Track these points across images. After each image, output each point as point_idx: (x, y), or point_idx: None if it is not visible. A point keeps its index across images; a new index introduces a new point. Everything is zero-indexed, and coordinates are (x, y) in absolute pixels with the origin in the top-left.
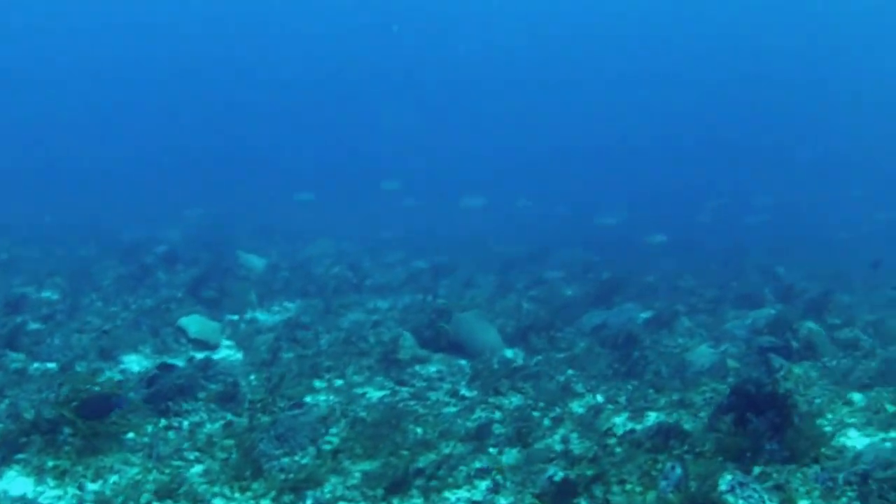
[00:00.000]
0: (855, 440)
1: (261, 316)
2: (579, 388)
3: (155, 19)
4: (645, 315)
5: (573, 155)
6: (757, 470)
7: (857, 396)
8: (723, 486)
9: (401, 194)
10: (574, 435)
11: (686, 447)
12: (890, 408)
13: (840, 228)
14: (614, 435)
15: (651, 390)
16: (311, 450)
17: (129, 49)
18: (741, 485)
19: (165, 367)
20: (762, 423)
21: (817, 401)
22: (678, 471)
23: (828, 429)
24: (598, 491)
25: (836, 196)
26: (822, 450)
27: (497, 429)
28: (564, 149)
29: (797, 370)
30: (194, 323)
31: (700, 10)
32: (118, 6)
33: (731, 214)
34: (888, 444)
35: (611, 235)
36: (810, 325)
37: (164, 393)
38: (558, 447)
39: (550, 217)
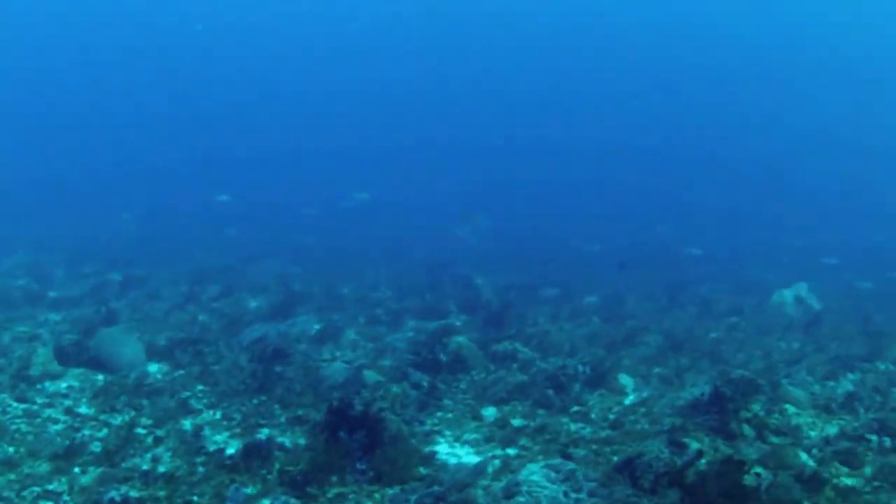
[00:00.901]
0: (466, 458)
1: None
2: (199, 404)
3: None
4: (318, 327)
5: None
6: (334, 491)
7: (489, 411)
8: None
9: None
10: (168, 454)
11: (278, 465)
12: (516, 422)
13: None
14: (205, 453)
15: (278, 406)
16: None
17: None
18: None
19: None
20: (352, 441)
21: (449, 415)
22: (244, 491)
23: (443, 445)
24: None
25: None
26: (421, 469)
27: (95, 447)
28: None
29: (395, 389)
30: None
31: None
32: None
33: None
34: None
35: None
36: (460, 339)
37: None
38: (145, 466)
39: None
